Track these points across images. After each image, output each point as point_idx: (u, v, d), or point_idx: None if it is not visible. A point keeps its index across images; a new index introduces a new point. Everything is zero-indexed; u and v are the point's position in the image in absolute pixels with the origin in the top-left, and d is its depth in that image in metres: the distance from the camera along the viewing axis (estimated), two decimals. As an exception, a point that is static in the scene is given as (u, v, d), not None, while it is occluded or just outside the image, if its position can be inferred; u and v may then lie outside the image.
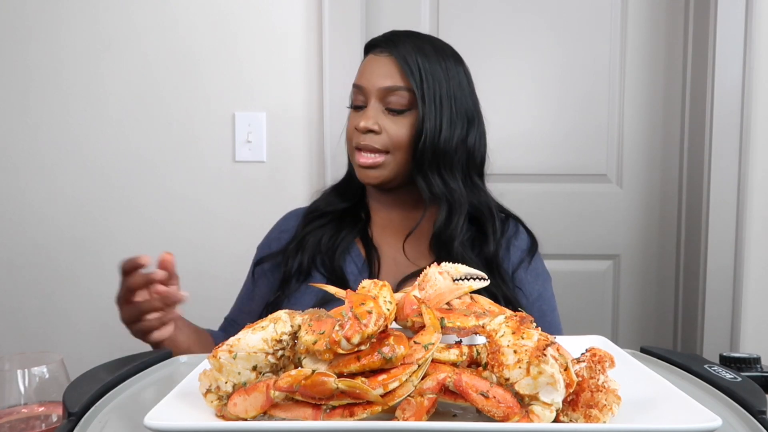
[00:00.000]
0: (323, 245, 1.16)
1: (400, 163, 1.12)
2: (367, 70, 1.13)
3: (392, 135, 1.10)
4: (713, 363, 0.73)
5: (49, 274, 1.80)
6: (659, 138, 1.86)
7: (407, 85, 1.09)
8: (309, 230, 1.18)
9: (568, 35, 1.83)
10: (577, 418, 0.54)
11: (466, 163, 1.14)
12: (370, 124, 1.10)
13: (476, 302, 0.67)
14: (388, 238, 1.19)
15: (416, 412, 0.53)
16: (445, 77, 1.12)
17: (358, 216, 1.21)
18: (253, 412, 0.55)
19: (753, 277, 1.76)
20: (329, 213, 1.21)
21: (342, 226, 1.19)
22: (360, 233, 1.19)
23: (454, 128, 1.11)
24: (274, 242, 1.23)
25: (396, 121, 1.11)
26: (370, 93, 1.11)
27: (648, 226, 1.88)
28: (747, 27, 1.69)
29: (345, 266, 1.14)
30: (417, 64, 1.09)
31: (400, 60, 1.09)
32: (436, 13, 1.83)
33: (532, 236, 1.22)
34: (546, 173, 1.85)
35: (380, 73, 1.11)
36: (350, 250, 1.17)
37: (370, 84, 1.11)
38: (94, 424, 0.58)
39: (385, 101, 1.10)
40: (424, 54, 1.11)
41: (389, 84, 1.10)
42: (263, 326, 0.59)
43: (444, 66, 1.12)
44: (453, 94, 1.12)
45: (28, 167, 1.79)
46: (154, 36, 1.75)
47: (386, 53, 1.11)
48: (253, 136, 1.76)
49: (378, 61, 1.12)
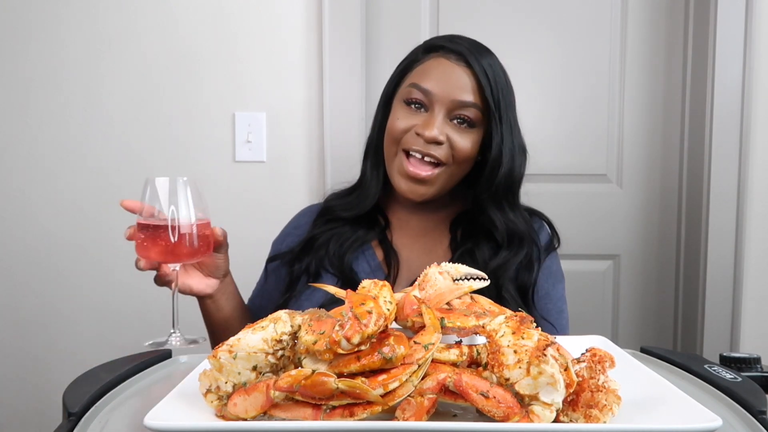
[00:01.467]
0: (332, 247, 1.11)
1: (451, 179, 1.06)
2: (440, 76, 1.03)
3: (457, 149, 1.03)
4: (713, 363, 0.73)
5: (48, 274, 1.80)
6: (659, 138, 1.86)
7: (481, 102, 1.02)
8: (319, 231, 1.13)
9: (569, 36, 1.83)
10: (577, 418, 0.54)
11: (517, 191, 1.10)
12: (436, 134, 1.01)
13: (476, 302, 0.67)
14: (405, 239, 1.15)
15: (416, 412, 0.53)
16: (512, 99, 1.06)
17: (376, 220, 1.15)
18: (253, 412, 0.55)
19: (753, 277, 1.76)
20: (343, 219, 1.14)
21: (357, 228, 1.13)
22: (378, 236, 1.14)
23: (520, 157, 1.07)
24: (288, 238, 1.20)
25: (462, 136, 1.03)
26: (439, 101, 1.03)
27: (648, 226, 1.88)
28: (747, 27, 1.69)
29: (357, 265, 1.10)
30: (496, 84, 1.03)
31: (480, 75, 1.02)
32: (436, 13, 1.82)
33: (553, 235, 1.17)
34: (546, 173, 1.85)
35: (457, 85, 1.02)
36: (364, 250, 1.12)
37: (443, 93, 1.02)
38: (94, 424, 0.58)
39: (452, 113, 1.03)
40: (498, 72, 1.04)
41: (466, 98, 1.02)
42: (263, 326, 0.59)
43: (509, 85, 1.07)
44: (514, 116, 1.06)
45: (28, 167, 1.79)
46: (154, 36, 1.75)
47: (463, 63, 1.03)
48: (253, 136, 1.76)
49: (453, 69, 1.03)
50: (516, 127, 1.08)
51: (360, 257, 1.11)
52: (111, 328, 1.79)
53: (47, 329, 1.81)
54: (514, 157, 1.05)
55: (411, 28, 1.80)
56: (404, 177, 1.05)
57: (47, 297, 1.80)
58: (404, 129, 1.04)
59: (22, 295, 1.80)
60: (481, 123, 1.04)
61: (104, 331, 1.78)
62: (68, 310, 1.81)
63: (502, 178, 1.04)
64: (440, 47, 1.06)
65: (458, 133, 1.03)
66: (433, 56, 1.06)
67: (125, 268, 1.80)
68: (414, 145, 1.03)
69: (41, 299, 1.80)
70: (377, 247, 1.13)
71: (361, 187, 1.15)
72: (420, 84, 1.04)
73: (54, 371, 1.80)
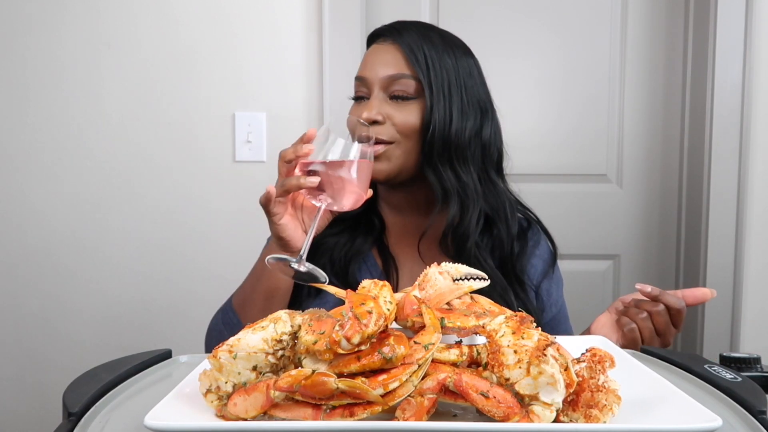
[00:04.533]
0: (336, 255, 1.10)
1: (406, 154, 1.06)
2: (369, 60, 1.08)
3: (398, 123, 1.04)
4: (713, 363, 0.73)
5: (48, 273, 1.80)
6: (659, 138, 1.86)
7: (412, 72, 1.04)
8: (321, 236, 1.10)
9: (569, 35, 1.83)
10: (577, 418, 0.54)
11: (481, 157, 1.08)
12: (373, 115, 1.03)
13: (476, 302, 0.67)
14: (404, 246, 1.14)
15: (416, 412, 0.53)
16: (454, 66, 1.06)
17: (373, 223, 1.15)
18: (253, 412, 0.55)
19: (753, 277, 1.76)
20: (342, 221, 1.12)
21: (356, 234, 1.13)
22: (376, 242, 1.13)
23: (465, 119, 1.05)
24: None
25: (401, 109, 1.04)
26: (373, 83, 1.05)
27: (648, 226, 1.88)
28: (747, 27, 1.69)
29: (360, 277, 1.08)
30: (423, 51, 1.04)
31: (404, 47, 1.04)
32: (437, 13, 1.83)
33: (552, 243, 1.17)
34: (546, 173, 1.85)
35: (383, 62, 1.05)
36: (366, 260, 1.11)
37: (372, 74, 1.05)
38: (94, 424, 0.58)
39: (389, 90, 1.05)
40: (431, 42, 1.06)
41: (393, 72, 1.04)
42: (263, 326, 0.59)
43: (452, 55, 1.06)
44: (463, 83, 1.06)
45: (28, 167, 1.79)
46: (154, 36, 1.75)
47: (389, 41, 1.07)
48: (253, 136, 1.76)
49: (381, 50, 1.07)
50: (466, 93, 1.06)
51: (362, 268, 1.11)
52: (111, 327, 1.79)
53: (47, 329, 1.81)
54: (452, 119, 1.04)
55: (411, 28, 1.80)
56: None
57: (47, 297, 1.80)
58: (354, 121, 1.07)
59: (23, 294, 1.80)
60: (421, 93, 1.05)
61: (104, 330, 1.78)
62: (68, 310, 1.81)
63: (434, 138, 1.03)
64: (376, 36, 1.11)
65: (397, 109, 1.05)
66: (370, 47, 1.11)
67: (125, 268, 1.80)
68: (361, 131, 1.04)
69: (41, 299, 1.80)
70: (376, 254, 1.13)
71: None
72: (358, 75, 1.08)
73: (54, 371, 1.80)
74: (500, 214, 1.09)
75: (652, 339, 0.95)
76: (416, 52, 1.04)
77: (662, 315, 0.95)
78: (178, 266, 1.79)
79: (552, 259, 1.17)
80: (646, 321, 0.95)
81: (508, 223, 1.10)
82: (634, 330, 0.95)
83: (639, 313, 0.96)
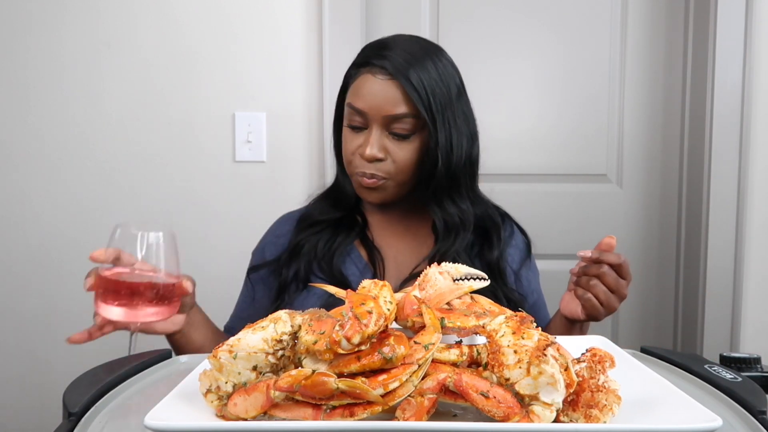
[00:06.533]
0: (319, 251, 1.12)
1: (401, 186, 1.09)
2: (368, 93, 1.05)
3: (398, 161, 1.06)
4: (713, 363, 0.73)
5: (48, 273, 1.80)
6: (659, 138, 1.86)
7: (414, 111, 1.04)
8: (303, 237, 1.14)
9: (569, 35, 1.83)
10: (577, 418, 0.54)
11: (470, 176, 1.11)
12: (375, 152, 1.05)
13: (476, 302, 0.67)
14: (388, 238, 1.17)
15: (416, 412, 0.53)
16: (447, 92, 1.06)
17: (355, 220, 1.18)
18: (254, 412, 0.55)
19: (753, 277, 1.76)
20: (323, 221, 1.16)
21: (338, 231, 1.15)
22: (359, 236, 1.16)
23: (461, 147, 1.07)
24: (269, 247, 1.20)
25: (402, 147, 1.06)
26: (373, 119, 1.05)
27: (648, 226, 1.88)
28: (747, 27, 1.69)
29: (345, 269, 1.11)
30: (422, 85, 1.03)
31: (405, 83, 1.02)
32: (437, 13, 1.82)
33: (525, 234, 1.22)
34: (546, 173, 1.85)
35: (384, 99, 1.04)
36: (350, 253, 1.14)
37: (373, 110, 1.04)
38: (94, 424, 0.58)
39: (390, 127, 1.05)
40: (424, 67, 1.04)
41: (396, 111, 1.04)
42: (263, 326, 0.59)
43: (443, 76, 1.06)
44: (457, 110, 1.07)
45: (28, 167, 1.78)
46: (154, 36, 1.75)
47: (386, 75, 1.04)
48: (253, 136, 1.76)
49: (379, 85, 1.04)
50: (458, 119, 1.07)
51: (347, 260, 1.13)
52: (111, 328, 1.79)
53: (48, 329, 1.81)
54: (453, 151, 1.06)
55: (411, 28, 1.80)
56: (360, 188, 1.10)
57: (48, 297, 1.80)
58: (351, 152, 1.08)
59: (23, 294, 1.80)
60: (419, 128, 1.06)
61: (104, 331, 1.78)
62: (68, 309, 1.80)
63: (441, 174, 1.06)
64: (366, 64, 1.07)
65: (397, 147, 1.06)
66: (362, 72, 1.07)
67: (125, 268, 1.80)
68: (358, 168, 1.07)
69: (42, 299, 1.80)
70: (360, 247, 1.15)
71: (336, 188, 1.18)
72: (354, 104, 1.06)
73: (54, 371, 1.80)
74: (488, 223, 1.14)
75: (608, 299, 0.99)
76: (417, 89, 1.03)
77: (609, 274, 0.99)
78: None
79: (527, 249, 1.21)
80: (597, 285, 0.99)
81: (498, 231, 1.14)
82: (590, 298, 0.99)
83: (589, 280, 1.00)
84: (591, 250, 1.01)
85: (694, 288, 1.81)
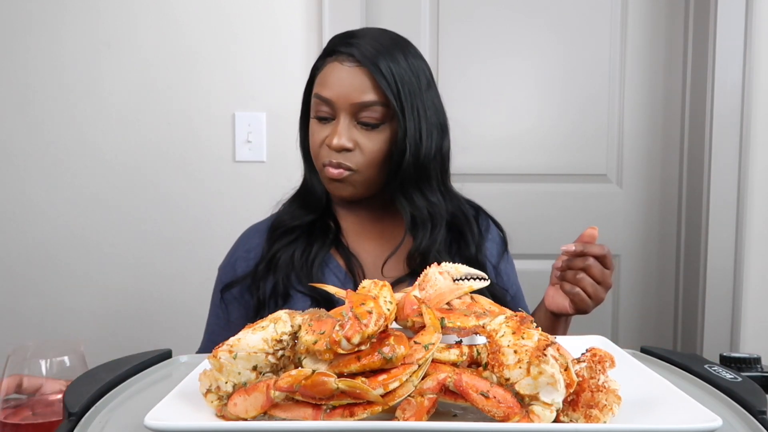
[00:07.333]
0: (297, 262, 1.07)
1: (369, 180, 1.05)
2: (335, 81, 1.02)
3: (367, 152, 1.03)
4: (713, 363, 0.73)
5: (49, 273, 1.80)
6: (659, 138, 1.86)
7: (382, 99, 1.01)
8: (278, 248, 1.09)
9: (569, 35, 1.83)
10: (577, 418, 0.54)
11: (440, 171, 1.08)
12: (344, 142, 1.01)
13: (476, 302, 0.67)
14: (364, 244, 1.13)
15: (416, 412, 0.53)
16: (417, 82, 1.03)
17: (328, 226, 1.13)
18: (254, 412, 0.55)
19: (753, 277, 1.76)
20: (296, 227, 1.11)
21: (312, 239, 1.10)
22: (334, 243, 1.11)
23: (431, 138, 1.04)
24: (240, 262, 1.13)
25: (371, 137, 1.03)
26: (340, 108, 1.02)
27: (648, 226, 1.88)
28: (747, 27, 1.69)
29: (326, 280, 1.07)
30: (390, 73, 1.01)
31: (373, 70, 1.00)
32: (437, 13, 1.82)
33: (500, 228, 1.20)
34: (546, 173, 1.85)
35: (352, 86, 1.01)
36: (328, 263, 1.09)
37: (340, 98, 1.01)
38: (94, 424, 0.58)
39: (358, 116, 1.02)
40: (392, 57, 1.02)
41: (364, 99, 1.01)
42: (263, 326, 0.59)
43: (413, 67, 1.04)
44: (426, 101, 1.04)
45: (28, 167, 1.79)
46: (154, 36, 1.75)
47: (353, 62, 1.01)
48: (253, 136, 1.76)
49: (346, 72, 1.01)
50: (428, 110, 1.05)
51: (326, 270, 1.09)
52: (111, 327, 1.79)
53: (47, 329, 1.81)
54: (422, 142, 1.03)
55: (411, 28, 1.80)
56: (328, 181, 1.07)
57: (47, 297, 1.80)
58: (318, 144, 1.05)
59: (23, 294, 1.80)
60: (388, 118, 1.03)
61: (104, 330, 1.78)
62: (68, 309, 1.81)
63: (408, 165, 1.03)
64: (333, 52, 1.05)
65: (365, 137, 1.03)
66: (329, 61, 1.05)
67: (125, 267, 1.80)
68: (327, 157, 1.04)
69: (42, 299, 1.80)
70: (337, 254, 1.11)
71: (305, 188, 1.14)
72: (321, 94, 1.03)
73: (54, 371, 1.80)
74: (461, 219, 1.12)
75: (596, 290, 0.99)
76: (386, 76, 1.00)
77: (594, 266, 0.99)
78: (178, 266, 1.79)
79: (503, 242, 1.20)
80: (584, 278, 0.99)
81: (470, 227, 1.12)
82: (579, 292, 0.99)
83: (575, 274, 1.00)
84: (574, 243, 1.00)
85: (694, 288, 1.81)
